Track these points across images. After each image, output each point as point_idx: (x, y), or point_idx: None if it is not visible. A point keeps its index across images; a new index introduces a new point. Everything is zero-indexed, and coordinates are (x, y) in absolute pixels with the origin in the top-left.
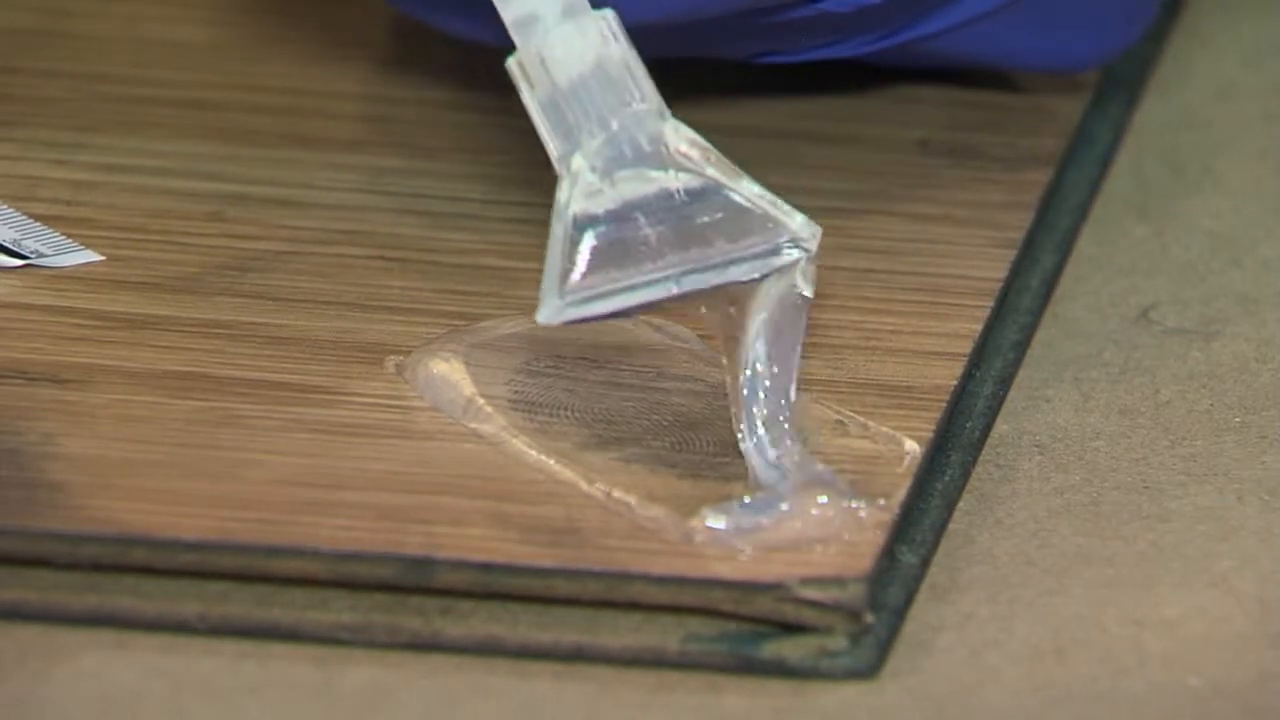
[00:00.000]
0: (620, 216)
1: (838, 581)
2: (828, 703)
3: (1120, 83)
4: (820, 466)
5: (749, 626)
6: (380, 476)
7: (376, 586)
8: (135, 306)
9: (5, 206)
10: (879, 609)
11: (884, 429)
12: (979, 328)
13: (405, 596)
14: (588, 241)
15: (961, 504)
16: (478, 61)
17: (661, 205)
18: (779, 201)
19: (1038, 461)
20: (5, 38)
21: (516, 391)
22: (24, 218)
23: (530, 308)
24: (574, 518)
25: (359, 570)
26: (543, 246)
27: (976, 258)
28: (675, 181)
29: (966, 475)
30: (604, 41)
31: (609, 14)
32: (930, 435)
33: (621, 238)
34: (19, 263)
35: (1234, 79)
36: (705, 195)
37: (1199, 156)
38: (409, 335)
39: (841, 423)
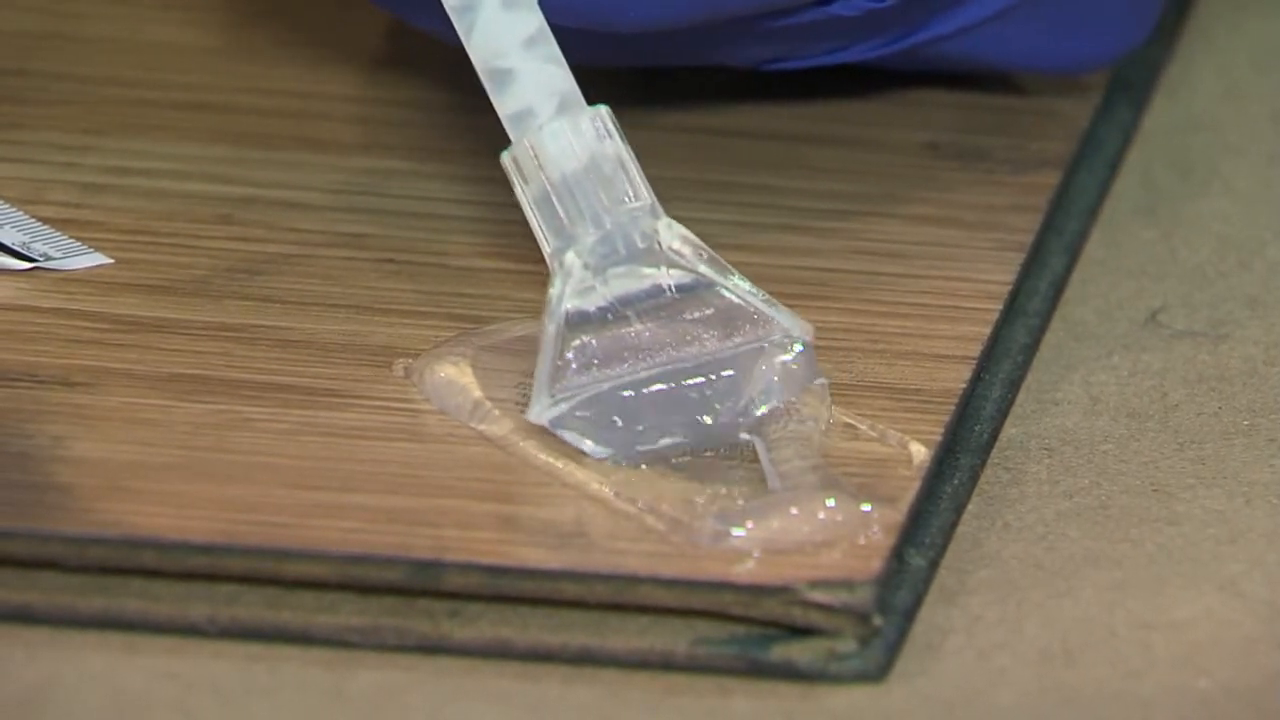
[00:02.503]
0: (612, 313)
1: (846, 584)
2: (836, 705)
3: (1128, 85)
4: (829, 470)
5: (757, 629)
6: (389, 479)
7: (385, 589)
8: (144, 309)
9: (14, 209)
10: (887, 612)
11: (893, 432)
12: (987, 331)
13: (414, 599)
14: (579, 339)
15: (970, 507)
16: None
17: (653, 302)
18: (770, 298)
19: (1046, 464)
20: (13, 40)
21: (525, 394)
22: (32, 220)
23: (537, 310)
24: (582, 521)
25: (368, 573)
26: None
27: (985, 261)
28: (667, 278)
29: (975, 478)
30: (598, 138)
31: (603, 110)
32: (939, 438)
33: (612, 335)
34: (28, 265)
35: (1242, 81)
36: (697, 291)
37: (1207, 159)
38: (417, 338)
39: (851, 425)
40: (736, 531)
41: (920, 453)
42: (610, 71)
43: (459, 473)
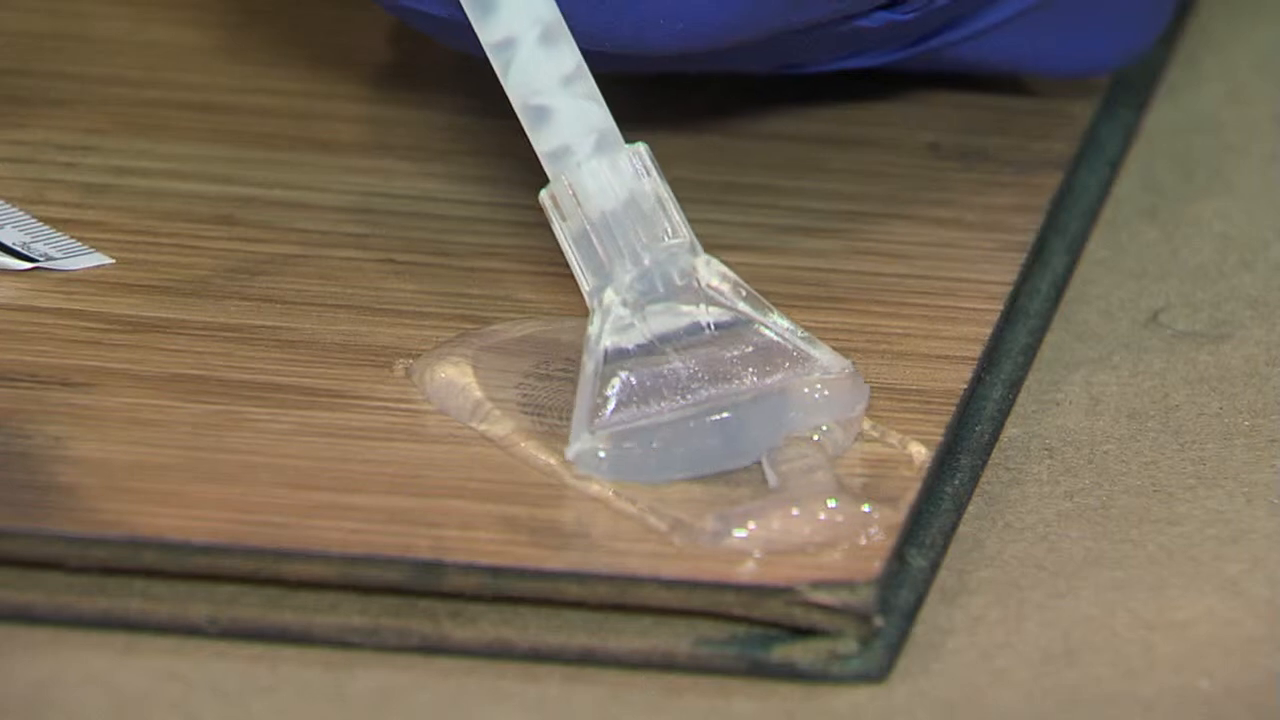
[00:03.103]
0: (650, 351)
1: (847, 585)
2: (838, 706)
3: (1130, 86)
4: (830, 470)
5: (759, 630)
6: (390, 480)
7: (386, 590)
8: (145, 310)
9: (15, 209)
10: (889, 612)
11: (894, 433)
12: (989, 331)
13: (415, 599)
14: (618, 376)
15: (971, 507)
16: (488, 65)
17: (691, 339)
18: (809, 336)
19: (1047, 465)
20: (16, 40)
21: (526, 395)
22: (34, 221)
23: (539, 311)
24: (583, 521)
25: (369, 573)
26: (553, 249)
27: (986, 261)
28: (706, 315)
29: (976, 478)
30: (636, 176)
31: (642, 148)
32: (940, 438)
33: (651, 372)
34: (29, 266)
35: (1244, 82)
36: (735, 329)
37: (1209, 160)
38: (418, 339)
39: None
40: (738, 532)
41: (921, 453)
42: (614, 75)
43: (460, 473)
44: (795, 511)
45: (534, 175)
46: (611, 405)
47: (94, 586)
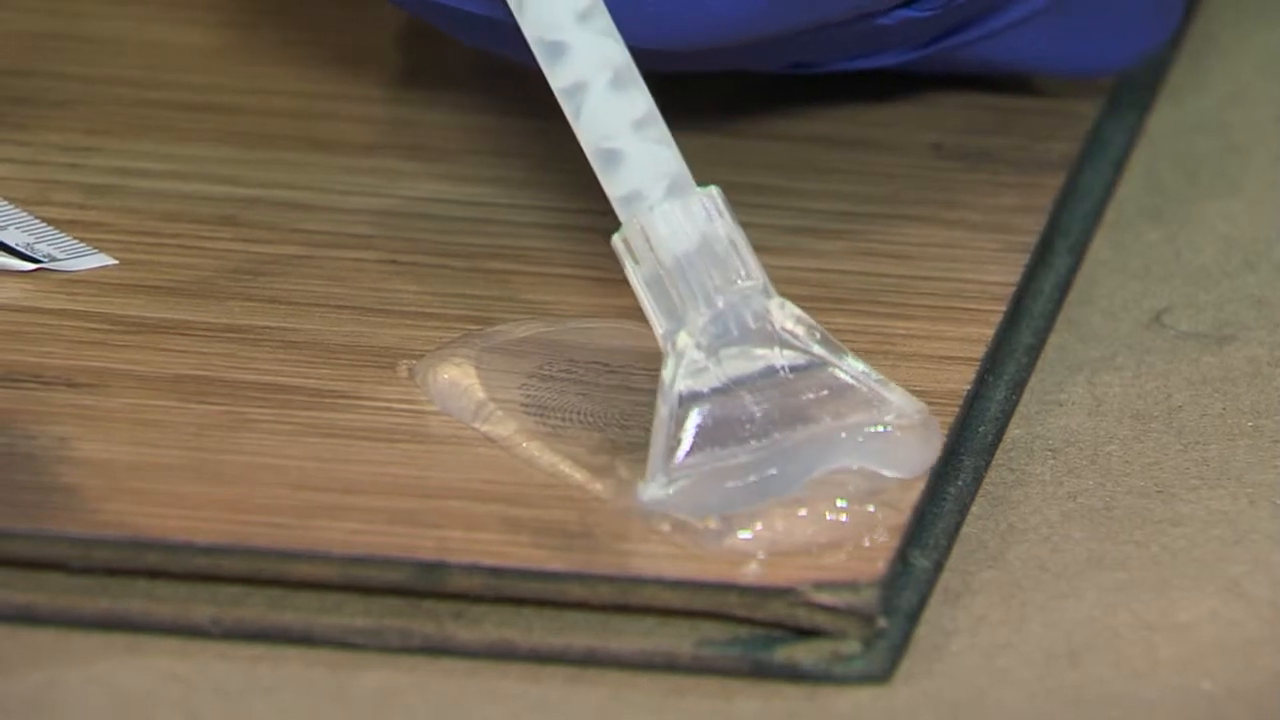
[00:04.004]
0: (725, 393)
1: (851, 586)
2: (841, 707)
3: (1134, 87)
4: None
5: (762, 631)
6: (393, 481)
7: (389, 590)
8: (148, 310)
9: (18, 210)
10: (892, 613)
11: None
12: (992, 332)
13: (418, 600)
14: (693, 419)
15: (974, 508)
16: (491, 65)
17: (767, 382)
18: (883, 379)
19: (1050, 465)
20: (18, 41)
21: (529, 396)
22: (37, 222)
23: (542, 311)
24: (587, 522)
25: (371, 574)
26: (557, 250)
27: (990, 262)
28: (780, 359)
29: (979, 479)
30: (709, 219)
31: (714, 191)
32: (943, 439)
33: (726, 415)
34: (32, 267)
35: (1248, 83)
36: (810, 372)
37: (1213, 161)
38: (422, 339)
39: None
40: (742, 533)
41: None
42: None
43: (463, 474)
44: (802, 513)
45: (539, 175)
46: (686, 448)
47: (97, 587)
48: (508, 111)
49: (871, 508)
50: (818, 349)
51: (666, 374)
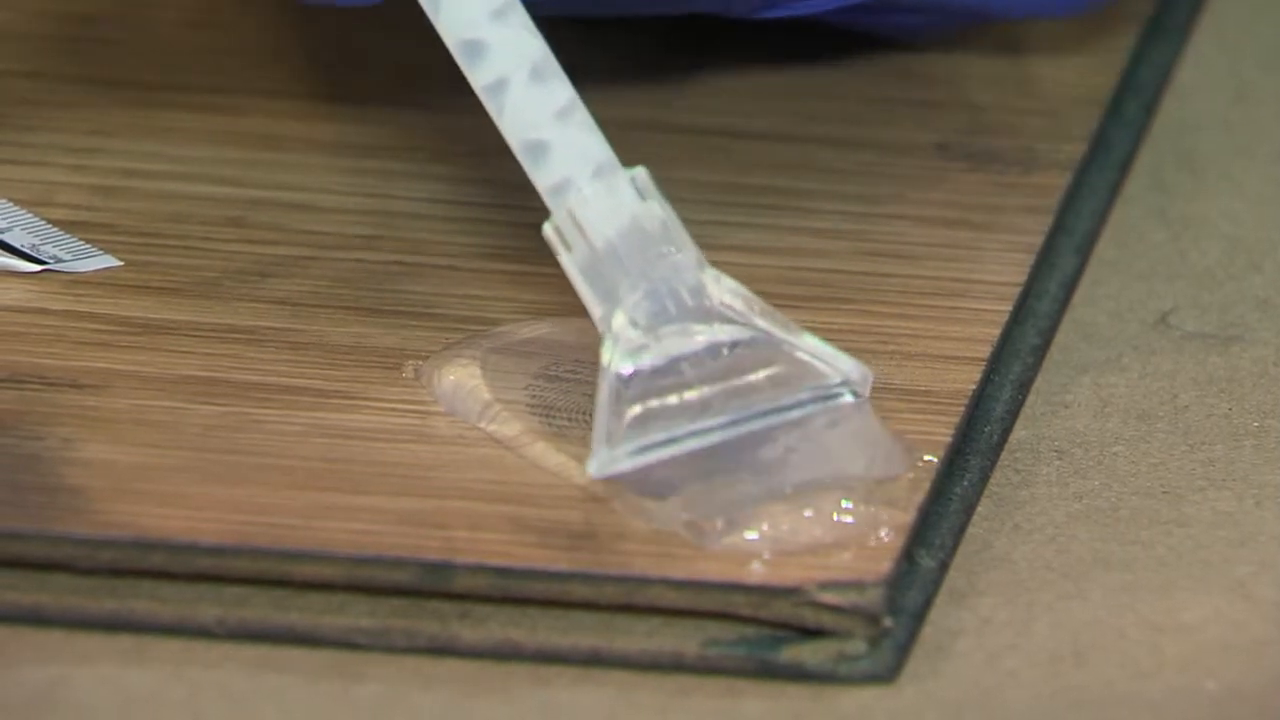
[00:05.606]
0: (666, 372)
1: (856, 586)
2: (846, 706)
3: (1138, 87)
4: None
5: (768, 631)
6: (398, 481)
7: (394, 591)
8: (154, 311)
9: (24, 212)
10: (897, 613)
11: (903, 434)
12: (997, 332)
13: (423, 601)
14: (633, 398)
15: (980, 508)
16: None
17: (708, 358)
18: (829, 347)
19: (1056, 466)
20: (23, 42)
21: (534, 396)
22: (42, 223)
23: (547, 312)
24: (592, 522)
25: (377, 574)
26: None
27: (995, 262)
28: (721, 334)
29: (985, 480)
30: (637, 198)
31: (641, 172)
32: (949, 440)
33: (668, 392)
34: (38, 268)
35: (1252, 83)
36: (752, 346)
37: (1217, 160)
38: (427, 340)
39: None
40: (748, 533)
41: (930, 455)
42: (618, 76)
43: (468, 474)
44: (807, 513)
45: None
46: (628, 425)
47: (102, 588)
48: None
49: (876, 508)
50: (759, 321)
51: (604, 357)
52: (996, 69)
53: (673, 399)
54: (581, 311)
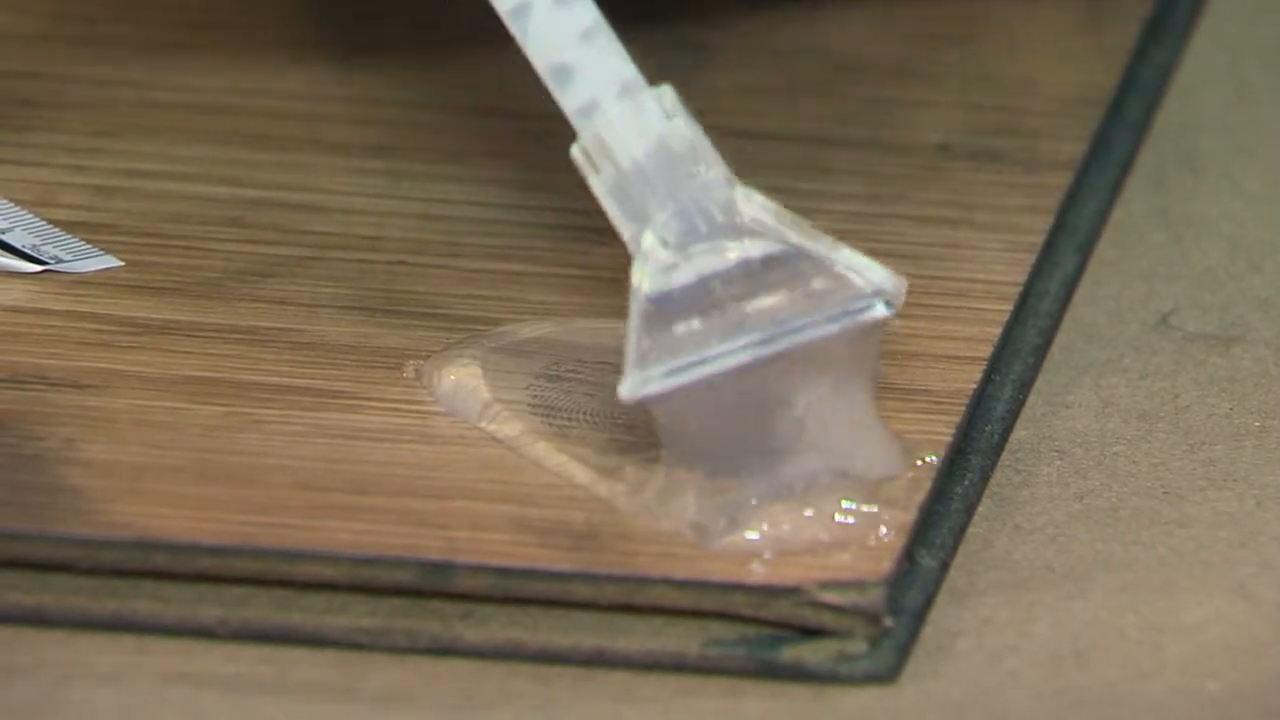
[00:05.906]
0: (697, 289)
1: (857, 585)
2: (847, 706)
3: (1139, 87)
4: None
5: (769, 630)
6: (400, 481)
7: (396, 591)
8: (155, 312)
9: (25, 212)
10: (898, 613)
11: (903, 434)
12: (998, 332)
13: (425, 600)
14: (665, 318)
15: (980, 508)
16: (498, 66)
17: (739, 274)
18: (863, 258)
19: (1057, 466)
20: (24, 42)
21: (536, 396)
22: (44, 223)
23: (548, 312)
24: (593, 522)
25: (378, 574)
26: (563, 250)
27: (995, 262)
28: (752, 249)
29: (985, 480)
30: (664, 117)
31: (667, 89)
32: (949, 439)
33: (700, 310)
34: (39, 268)
35: (1254, 82)
36: (784, 260)
37: (1219, 161)
38: (428, 340)
39: None
40: (749, 533)
41: (931, 455)
42: None
43: (470, 474)
44: (808, 512)
45: (545, 176)
46: (660, 346)
47: (104, 588)
48: (515, 113)
49: (877, 507)
50: (790, 235)
51: (634, 277)
52: (996, 69)
53: (703, 319)
54: (583, 311)
